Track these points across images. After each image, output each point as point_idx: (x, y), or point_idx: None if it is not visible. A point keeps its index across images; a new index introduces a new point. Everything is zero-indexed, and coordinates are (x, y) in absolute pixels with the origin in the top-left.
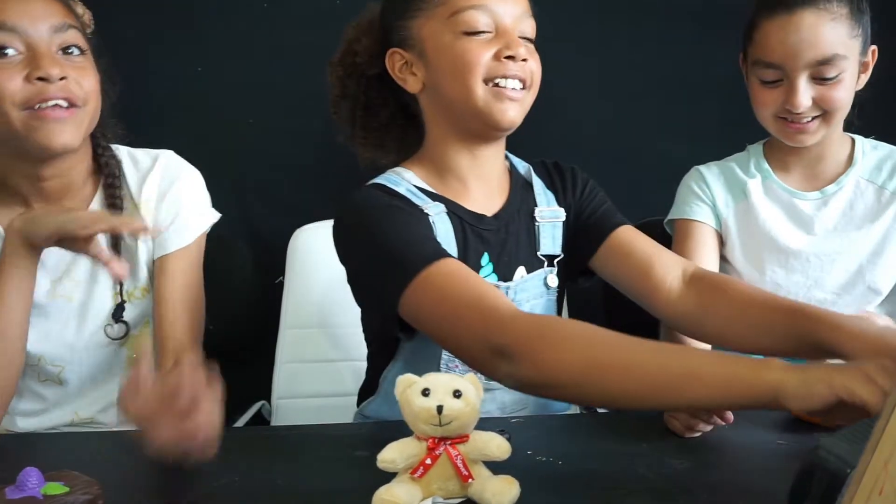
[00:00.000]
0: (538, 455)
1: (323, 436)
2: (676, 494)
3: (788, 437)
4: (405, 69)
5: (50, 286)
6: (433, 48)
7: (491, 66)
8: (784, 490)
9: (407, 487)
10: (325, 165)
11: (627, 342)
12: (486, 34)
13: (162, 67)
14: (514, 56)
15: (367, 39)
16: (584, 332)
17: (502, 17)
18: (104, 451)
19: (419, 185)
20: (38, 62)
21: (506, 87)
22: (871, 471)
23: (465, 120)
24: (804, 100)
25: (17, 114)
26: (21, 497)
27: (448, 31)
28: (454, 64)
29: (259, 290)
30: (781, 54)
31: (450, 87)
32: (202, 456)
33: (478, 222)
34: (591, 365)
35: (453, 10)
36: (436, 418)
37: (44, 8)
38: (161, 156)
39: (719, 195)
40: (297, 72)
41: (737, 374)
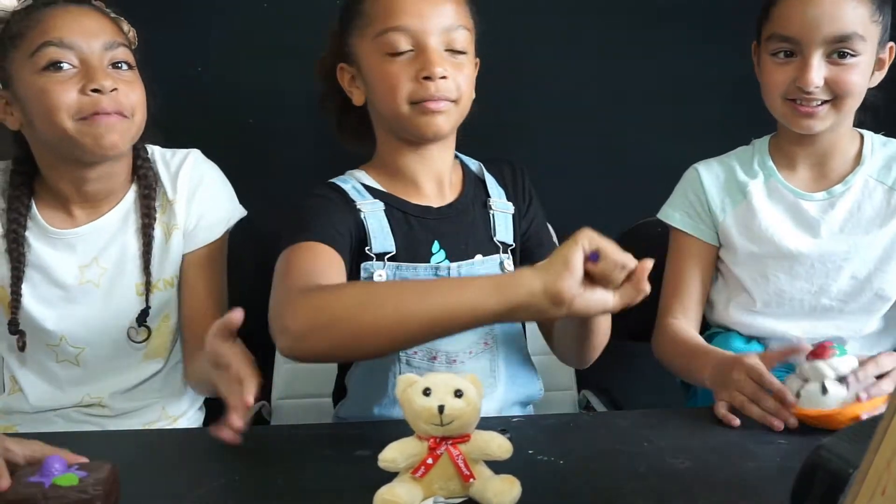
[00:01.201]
0: (539, 455)
1: (323, 436)
2: (676, 494)
3: (789, 437)
4: (351, 83)
5: (78, 271)
6: (366, 67)
7: (411, 88)
8: (785, 490)
9: (408, 487)
10: (325, 165)
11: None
12: (409, 53)
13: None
14: (430, 76)
15: (331, 46)
16: (360, 289)
17: (423, 36)
18: (104, 452)
19: (368, 183)
20: (93, 75)
21: (426, 105)
22: (873, 471)
23: (399, 132)
24: (816, 77)
25: (71, 124)
26: (30, 482)
27: (375, 52)
28: (380, 84)
29: (259, 290)
30: (799, 26)
31: (380, 104)
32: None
33: (424, 213)
34: (361, 298)
35: (377, 31)
36: (437, 418)
37: (96, 26)
38: (190, 154)
39: (715, 200)
40: (297, 72)
41: (503, 278)
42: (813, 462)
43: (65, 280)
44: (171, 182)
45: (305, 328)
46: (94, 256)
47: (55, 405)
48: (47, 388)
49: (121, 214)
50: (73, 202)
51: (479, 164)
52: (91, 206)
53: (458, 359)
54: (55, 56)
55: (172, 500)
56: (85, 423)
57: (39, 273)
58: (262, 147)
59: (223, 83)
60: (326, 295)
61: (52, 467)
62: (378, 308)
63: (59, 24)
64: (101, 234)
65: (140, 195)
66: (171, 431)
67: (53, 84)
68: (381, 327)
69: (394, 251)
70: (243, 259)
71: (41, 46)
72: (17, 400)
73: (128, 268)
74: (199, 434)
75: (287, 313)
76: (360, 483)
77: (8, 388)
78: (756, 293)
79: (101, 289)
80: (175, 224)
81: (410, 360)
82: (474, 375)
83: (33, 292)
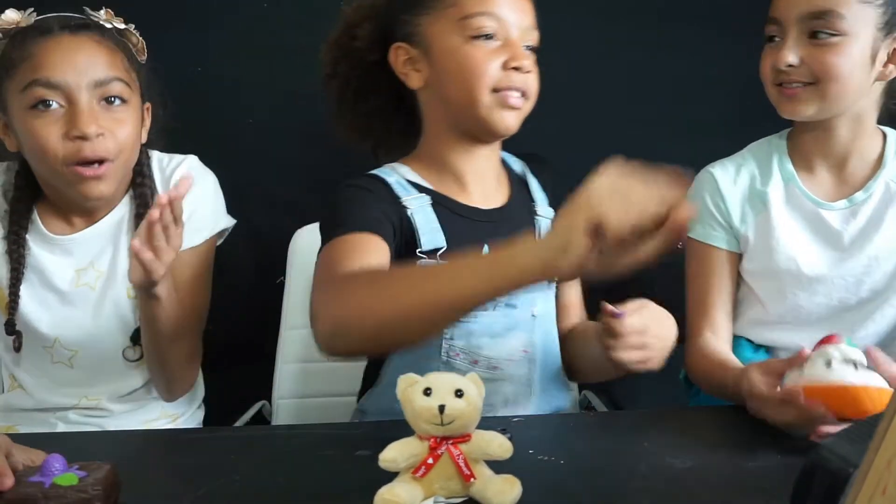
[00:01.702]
0: (540, 454)
1: (324, 436)
2: (676, 494)
3: (789, 437)
4: (408, 65)
5: (74, 275)
6: (440, 49)
7: (497, 75)
8: (785, 490)
9: (408, 487)
10: (326, 165)
11: (396, 273)
12: (494, 41)
13: (162, 67)
14: (519, 68)
15: (368, 25)
16: (366, 272)
17: (511, 27)
18: (105, 452)
19: (412, 178)
20: (76, 120)
21: (508, 95)
22: (874, 470)
23: (465, 123)
24: (788, 55)
25: (60, 168)
26: (30, 482)
27: (456, 34)
28: (460, 68)
29: (259, 290)
30: (780, 5)
31: (453, 90)
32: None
33: (473, 214)
34: (371, 292)
35: (464, 13)
36: (437, 418)
37: (90, 60)
38: (185, 161)
39: (735, 209)
40: (297, 72)
41: (498, 256)
42: (813, 462)
43: (61, 284)
44: (163, 187)
45: (329, 329)
46: (91, 260)
47: (54, 405)
48: (44, 389)
49: (115, 219)
50: (72, 212)
51: (523, 164)
52: (88, 214)
53: (499, 365)
54: (42, 95)
55: (172, 500)
56: (85, 424)
57: (36, 276)
58: (262, 147)
59: (223, 83)
60: (342, 292)
61: (52, 467)
62: (389, 300)
63: (49, 60)
64: (97, 239)
65: (136, 214)
66: (171, 431)
67: (40, 126)
68: (396, 318)
69: (445, 247)
70: (242, 259)
71: (30, 84)
72: (16, 397)
73: (120, 272)
74: (200, 434)
75: (316, 314)
76: (360, 483)
77: (7, 386)
78: (771, 307)
79: (97, 292)
80: None
81: (452, 361)
82: (475, 375)
83: (30, 294)
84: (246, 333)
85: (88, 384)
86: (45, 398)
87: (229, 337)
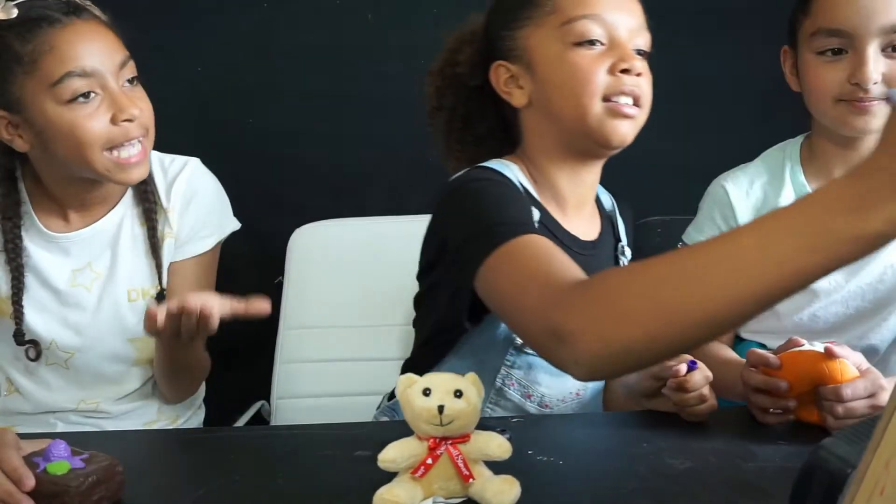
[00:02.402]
0: (539, 455)
1: (323, 436)
2: (676, 494)
3: (789, 437)
4: (511, 82)
5: (71, 275)
6: (542, 60)
7: (606, 81)
8: (784, 490)
9: (408, 487)
10: (325, 165)
11: (683, 251)
12: (600, 46)
13: (162, 67)
14: (629, 70)
15: (469, 49)
16: (637, 272)
17: (617, 29)
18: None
19: (524, 182)
20: (121, 104)
21: (619, 104)
22: (872, 471)
23: (574, 137)
24: (874, 72)
25: (99, 156)
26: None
27: (558, 41)
28: (565, 77)
29: (258, 290)
30: (851, 18)
31: (560, 102)
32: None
33: (572, 244)
34: (660, 303)
35: (565, 18)
36: (437, 418)
37: (108, 44)
38: (188, 164)
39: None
40: (297, 72)
41: (815, 216)
42: (812, 462)
43: (57, 283)
44: (165, 190)
45: (604, 351)
46: (88, 261)
47: (51, 408)
48: (41, 392)
49: (116, 221)
50: (70, 207)
51: (613, 201)
52: (86, 211)
53: (550, 404)
54: (81, 88)
55: (172, 500)
56: (84, 425)
57: (33, 276)
58: (262, 147)
59: (223, 83)
60: (611, 280)
61: (51, 453)
62: (677, 289)
63: (77, 50)
64: (96, 240)
65: (142, 212)
66: (171, 431)
67: (83, 118)
68: (691, 307)
69: None
70: (241, 259)
71: (64, 78)
72: (13, 401)
73: (120, 275)
74: (199, 434)
75: (571, 335)
76: (360, 483)
77: (4, 389)
78: (785, 318)
79: (93, 294)
80: (168, 231)
81: (505, 389)
82: (475, 375)
83: (27, 296)
84: (245, 333)
85: (85, 387)
86: (42, 401)
87: (228, 337)
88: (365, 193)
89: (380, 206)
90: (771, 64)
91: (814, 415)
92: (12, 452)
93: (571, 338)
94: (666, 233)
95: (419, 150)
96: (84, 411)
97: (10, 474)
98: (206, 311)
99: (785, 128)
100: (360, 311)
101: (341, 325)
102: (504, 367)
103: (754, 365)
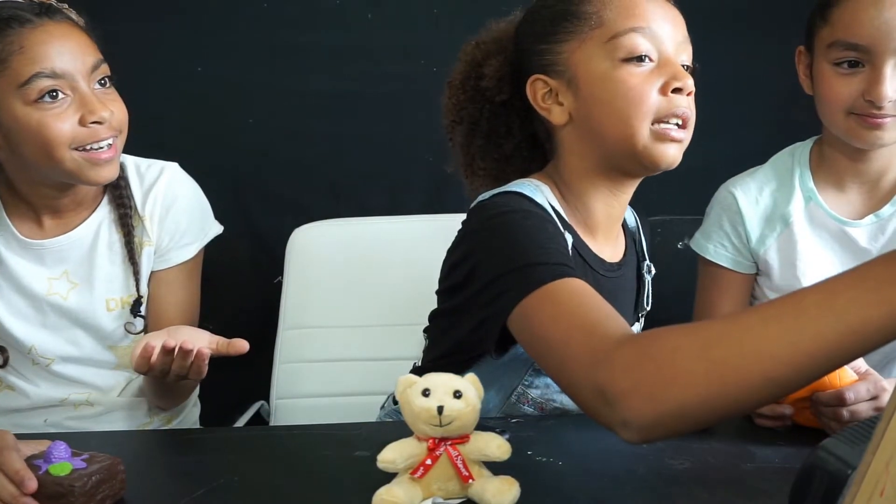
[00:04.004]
0: (538, 455)
1: (323, 436)
2: (676, 494)
3: (788, 438)
4: (549, 98)
5: (47, 282)
6: (586, 76)
7: (658, 102)
8: (784, 491)
9: (407, 488)
10: (325, 165)
11: (740, 312)
12: (649, 62)
13: (162, 67)
14: (682, 88)
15: (495, 61)
16: (691, 331)
17: (664, 42)
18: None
19: (555, 205)
20: (91, 105)
21: (669, 128)
22: (871, 472)
23: (618, 158)
24: (889, 89)
25: (69, 155)
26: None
27: (605, 58)
28: (614, 96)
29: (258, 289)
30: (871, 34)
31: (607, 122)
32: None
33: (600, 267)
34: (716, 363)
35: (612, 33)
36: (436, 419)
37: (80, 46)
38: (165, 169)
39: (755, 230)
40: (297, 72)
41: (878, 268)
42: (812, 463)
43: (33, 290)
44: (142, 196)
45: (656, 417)
46: (65, 270)
47: (44, 403)
48: (31, 389)
49: (92, 229)
50: (43, 213)
51: (636, 219)
52: (60, 217)
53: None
54: (49, 87)
55: (172, 499)
56: (80, 419)
57: (8, 281)
58: (262, 147)
59: (223, 83)
60: (663, 339)
61: (51, 454)
62: (733, 347)
63: (47, 51)
64: (72, 249)
65: (118, 218)
66: (171, 431)
67: (51, 118)
68: (748, 367)
69: None
70: (240, 259)
71: (32, 78)
72: (5, 398)
73: (97, 283)
74: (199, 434)
75: (618, 398)
76: (360, 483)
77: None
78: None
79: (69, 302)
80: (147, 241)
81: (518, 405)
82: (474, 376)
83: (2, 301)
84: (244, 333)
85: (70, 386)
86: (35, 398)
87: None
88: (365, 193)
89: (380, 207)
90: (776, 65)
91: (811, 420)
92: (13, 454)
93: (620, 399)
94: (666, 233)
95: (419, 150)
96: (75, 402)
97: (12, 477)
98: (200, 356)
99: (788, 130)
100: (360, 312)
101: (341, 325)
102: (521, 385)
103: None
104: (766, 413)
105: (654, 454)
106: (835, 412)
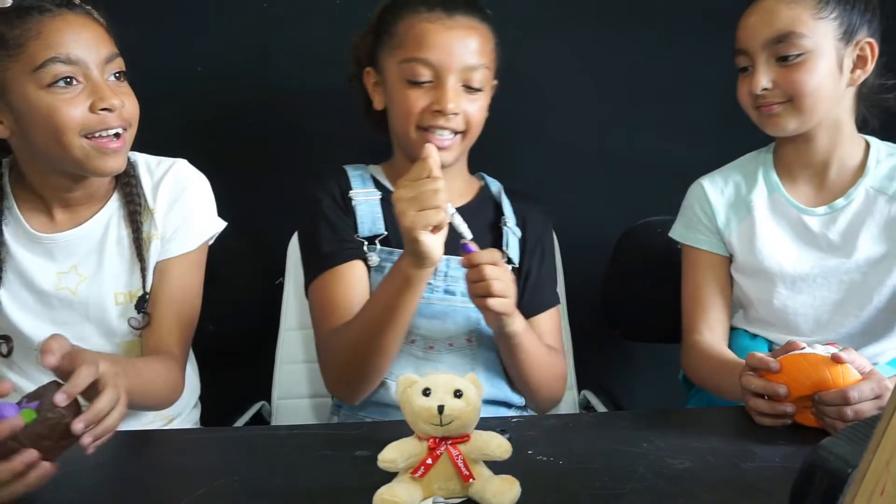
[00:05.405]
0: (539, 455)
1: (323, 436)
2: (676, 494)
3: (789, 437)
4: (375, 88)
5: (56, 277)
6: (389, 83)
7: (424, 116)
8: (785, 490)
9: (407, 487)
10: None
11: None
12: (428, 84)
13: (161, 67)
14: (442, 111)
15: (363, 43)
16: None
17: (444, 72)
18: (105, 452)
19: (378, 177)
20: (102, 93)
21: (435, 138)
22: (872, 471)
23: (405, 148)
24: (762, 80)
25: (77, 142)
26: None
27: (398, 74)
28: (397, 105)
29: (259, 290)
30: (744, 37)
31: (394, 121)
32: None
33: None
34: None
35: (403, 57)
36: (436, 418)
37: (97, 38)
38: (175, 165)
39: (721, 216)
40: (297, 72)
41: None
42: (812, 462)
43: (41, 285)
44: (152, 191)
45: (335, 388)
46: (74, 264)
47: None
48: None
49: (102, 223)
50: (55, 206)
51: (500, 186)
52: (72, 211)
53: (435, 346)
54: (63, 73)
55: (173, 500)
56: None
57: (17, 276)
58: (262, 147)
59: (223, 83)
60: (331, 358)
61: (2, 413)
62: (360, 339)
63: (64, 38)
64: (82, 243)
65: (127, 214)
66: (171, 431)
67: (62, 103)
68: (370, 351)
69: (384, 234)
70: (241, 259)
71: (47, 62)
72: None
73: (107, 278)
74: (199, 434)
75: (322, 371)
76: (360, 483)
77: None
78: (760, 307)
79: (78, 297)
80: (154, 233)
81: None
82: (474, 376)
83: (10, 295)
84: (245, 334)
85: None
86: None
87: (229, 337)
88: None
89: None
90: None
91: (812, 419)
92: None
93: (323, 372)
94: (666, 233)
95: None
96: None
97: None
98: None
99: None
100: None
101: None
102: None
103: (754, 368)
104: (767, 411)
105: (654, 454)
106: (839, 411)
